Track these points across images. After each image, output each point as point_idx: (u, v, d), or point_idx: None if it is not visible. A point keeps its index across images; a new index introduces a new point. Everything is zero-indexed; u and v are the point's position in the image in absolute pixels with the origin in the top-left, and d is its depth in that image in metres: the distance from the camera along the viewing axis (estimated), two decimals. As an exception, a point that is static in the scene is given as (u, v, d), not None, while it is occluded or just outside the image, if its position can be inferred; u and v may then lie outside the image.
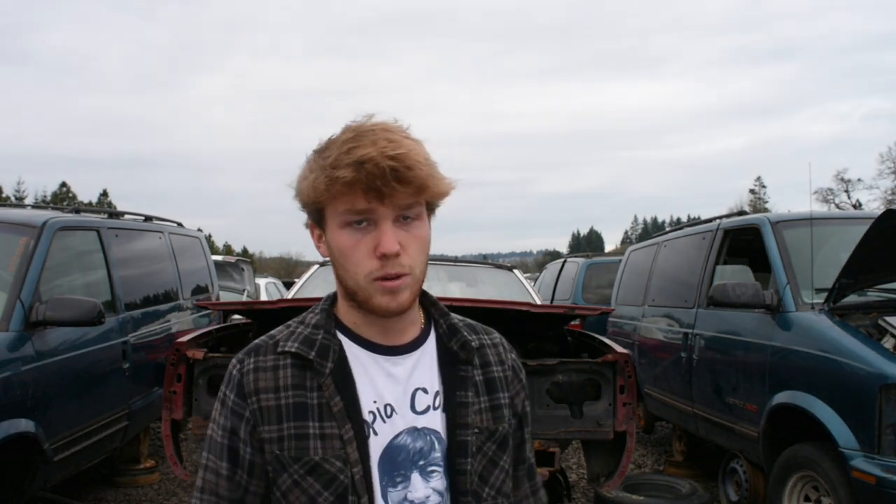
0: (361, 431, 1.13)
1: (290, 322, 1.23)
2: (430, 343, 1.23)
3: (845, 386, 3.66)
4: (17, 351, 3.82)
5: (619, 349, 3.66)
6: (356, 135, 1.11)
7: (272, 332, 1.22)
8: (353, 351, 1.18)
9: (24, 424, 3.71)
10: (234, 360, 1.19)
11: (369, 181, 1.07)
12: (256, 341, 1.21)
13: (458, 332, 1.25)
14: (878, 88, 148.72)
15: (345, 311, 1.21)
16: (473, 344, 1.25)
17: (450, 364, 1.22)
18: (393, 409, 1.16)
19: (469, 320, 1.31)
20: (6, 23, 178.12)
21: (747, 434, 4.52)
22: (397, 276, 1.12)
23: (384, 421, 1.16)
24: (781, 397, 4.10)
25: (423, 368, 1.21)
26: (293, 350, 1.16)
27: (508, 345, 1.34)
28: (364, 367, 1.17)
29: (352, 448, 1.12)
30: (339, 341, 1.18)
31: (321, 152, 1.13)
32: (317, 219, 1.17)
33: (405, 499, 1.15)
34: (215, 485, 1.16)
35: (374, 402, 1.16)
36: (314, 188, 1.12)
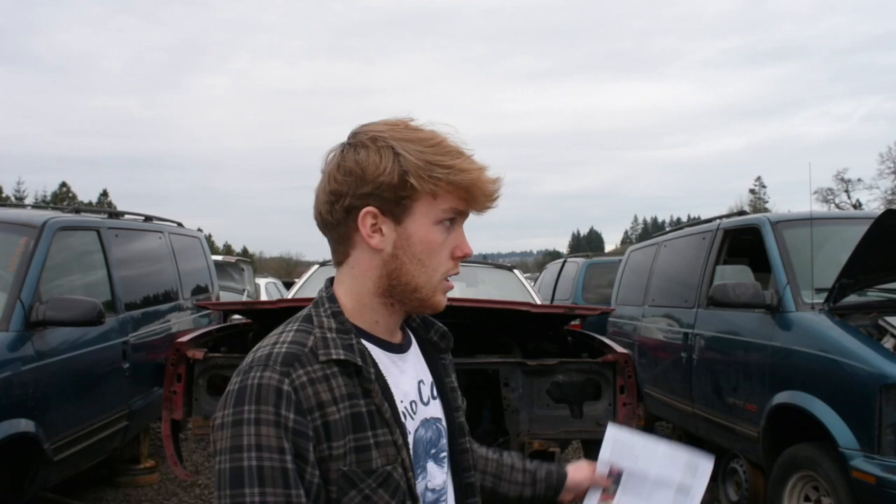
0: (405, 434, 1.12)
1: (303, 326, 1.13)
2: (412, 337, 1.28)
3: (845, 386, 3.66)
4: (17, 351, 3.82)
5: (619, 349, 3.66)
6: (443, 137, 1.14)
7: (291, 338, 1.11)
8: (374, 353, 1.15)
9: (24, 424, 3.71)
10: (270, 375, 1.04)
11: (493, 191, 1.15)
12: (286, 350, 1.08)
13: (434, 324, 1.32)
14: (878, 88, 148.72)
15: (360, 311, 1.16)
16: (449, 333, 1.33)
17: (433, 354, 1.29)
18: (416, 405, 1.19)
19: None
20: (8, 24, 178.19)
21: (747, 434, 4.52)
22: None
23: (412, 418, 1.17)
24: (781, 397, 4.10)
25: (418, 362, 1.25)
26: (342, 357, 1.08)
27: None
28: (386, 368, 1.15)
29: (405, 453, 1.10)
30: (364, 345, 1.14)
31: (415, 142, 1.12)
32: (394, 207, 1.12)
33: (426, 489, 1.17)
34: None
35: (401, 401, 1.15)
36: (428, 179, 1.10)
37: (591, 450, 3.97)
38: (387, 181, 1.10)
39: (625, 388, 3.57)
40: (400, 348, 1.21)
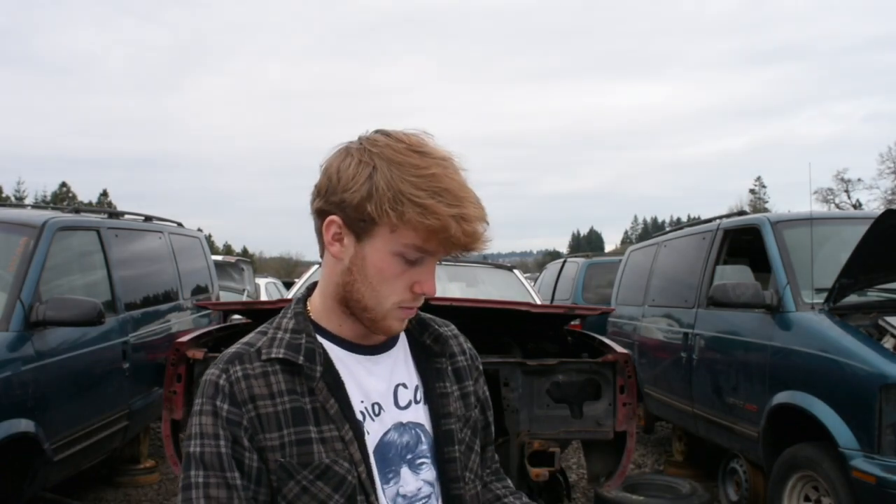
0: (359, 430, 1.14)
1: (263, 328, 1.20)
2: (402, 339, 1.26)
3: (845, 386, 3.66)
4: (17, 351, 3.82)
5: (619, 349, 3.66)
6: (443, 172, 1.08)
7: (247, 339, 1.18)
8: (335, 353, 1.18)
9: (24, 424, 3.71)
10: (213, 371, 1.14)
11: (463, 243, 1.09)
12: (234, 350, 1.16)
13: (430, 326, 1.29)
14: (879, 89, 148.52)
15: (327, 314, 1.20)
16: (444, 336, 1.29)
17: (424, 357, 1.26)
18: (381, 408, 1.18)
19: (426, 314, 1.32)
20: (8, 24, 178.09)
21: (747, 434, 4.52)
22: (413, 308, 1.17)
23: (373, 420, 1.17)
24: (781, 397, 4.10)
25: (400, 364, 1.23)
26: (281, 356, 1.13)
27: (462, 334, 1.38)
28: (348, 368, 1.18)
29: (354, 448, 1.12)
30: (321, 344, 1.17)
31: (397, 165, 1.07)
32: (359, 226, 1.11)
33: (398, 494, 1.17)
34: (228, 499, 1.08)
35: (362, 401, 1.17)
36: (391, 211, 1.06)
37: (590, 450, 3.97)
38: (348, 199, 1.09)
39: (625, 388, 3.57)
40: (372, 350, 1.21)
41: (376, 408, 1.18)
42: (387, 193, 1.06)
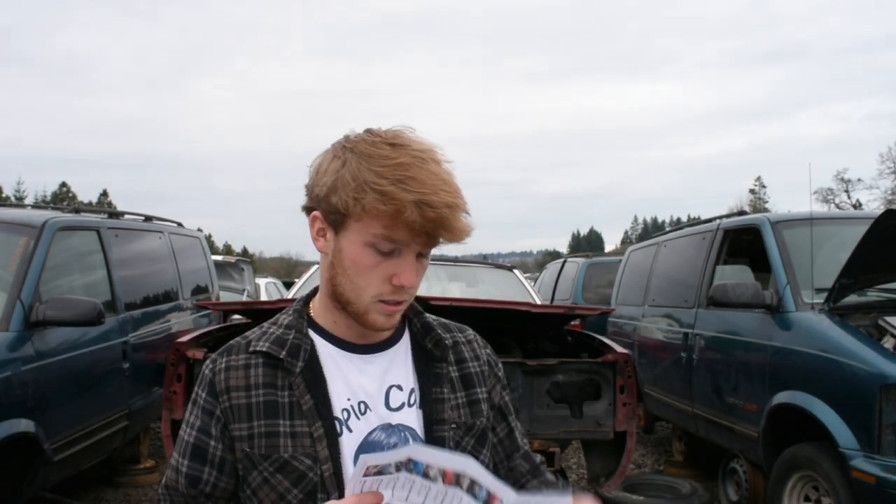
0: (332, 429, 1.14)
1: (263, 323, 1.24)
2: (405, 341, 1.25)
3: (845, 386, 3.66)
4: (17, 351, 3.82)
5: (619, 349, 3.66)
6: (413, 161, 1.08)
7: (246, 333, 1.23)
8: (326, 350, 1.19)
9: (24, 424, 3.71)
10: (207, 362, 1.21)
11: (426, 229, 1.07)
12: (231, 342, 1.22)
13: (433, 331, 1.27)
14: (879, 89, 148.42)
15: (323, 311, 1.22)
16: (447, 342, 1.27)
17: (424, 361, 1.25)
18: (367, 406, 1.18)
19: (442, 319, 1.32)
20: (9, 25, 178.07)
21: (747, 434, 4.52)
22: (399, 303, 1.15)
23: (358, 418, 1.17)
24: (781, 397, 4.10)
25: (397, 366, 1.22)
26: (264, 349, 1.17)
27: (483, 340, 1.36)
28: (338, 365, 1.18)
29: (321, 446, 1.13)
30: (311, 341, 1.19)
31: (366, 158, 1.09)
32: (332, 219, 1.13)
33: None
34: (176, 482, 1.18)
35: (348, 399, 1.17)
36: (353, 200, 1.08)
37: (590, 450, 3.97)
38: (319, 193, 1.13)
39: (625, 388, 3.57)
40: (367, 349, 1.21)
41: (362, 406, 1.17)
42: (350, 184, 1.08)
